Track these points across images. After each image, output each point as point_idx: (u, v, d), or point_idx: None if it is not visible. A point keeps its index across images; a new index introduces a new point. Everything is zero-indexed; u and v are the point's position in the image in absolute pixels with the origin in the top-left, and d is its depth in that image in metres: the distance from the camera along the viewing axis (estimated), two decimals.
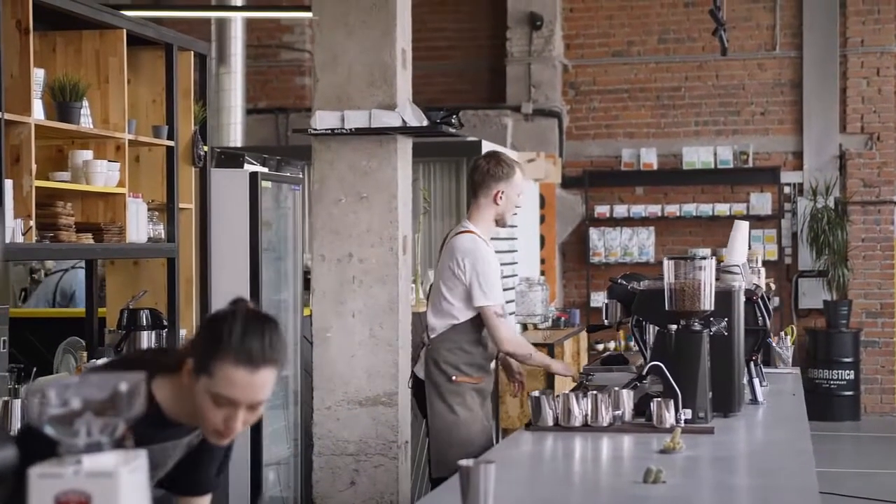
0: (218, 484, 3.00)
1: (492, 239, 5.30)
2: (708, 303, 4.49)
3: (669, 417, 4.25)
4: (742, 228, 5.71)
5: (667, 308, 4.51)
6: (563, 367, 5.46)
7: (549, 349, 9.20)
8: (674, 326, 4.49)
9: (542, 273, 12.16)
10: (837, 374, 12.26)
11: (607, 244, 12.98)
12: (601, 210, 13.00)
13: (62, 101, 4.83)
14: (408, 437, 5.86)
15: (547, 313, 9.92)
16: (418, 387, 5.28)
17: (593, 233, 12.99)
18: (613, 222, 12.99)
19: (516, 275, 10.36)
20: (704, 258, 4.56)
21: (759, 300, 5.21)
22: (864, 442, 11.70)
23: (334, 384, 5.70)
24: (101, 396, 1.84)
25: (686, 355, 4.44)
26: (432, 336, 5.16)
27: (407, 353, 5.78)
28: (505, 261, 9.92)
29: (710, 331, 4.55)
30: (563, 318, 10.79)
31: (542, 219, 12.43)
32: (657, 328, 4.63)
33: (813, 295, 12.62)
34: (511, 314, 9.74)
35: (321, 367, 5.69)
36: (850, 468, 10.21)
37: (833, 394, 12.28)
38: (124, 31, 5.22)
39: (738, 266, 5.23)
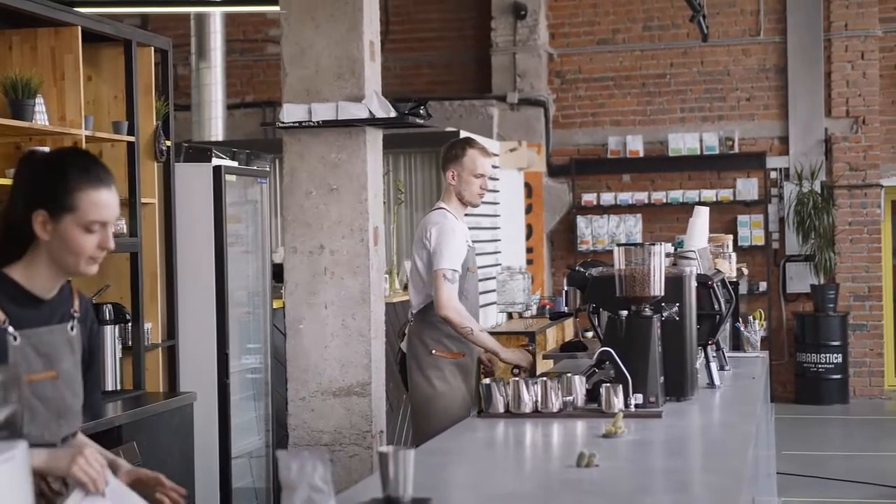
0: (99, 408, 3.06)
1: (473, 228, 5.51)
2: (658, 288, 4.51)
3: (618, 402, 4.27)
4: (702, 214, 5.74)
5: (617, 294, 4.54)
6: (517, 356, 5.40)
7: (531, 337, 9.23)
8: (624, 312, 4.51)
9: (530, 262, 12.20)
10: (825, 357, 12.28)
11: (595, 232, 13.00)
12: (588, 198, 13.02)
13: (15, 99, 4.86)
14: (382, 426, 5.90)
15: (528, 302, 9.94)
16: (403, 362, 5.49)
17: (581, 221, 13.01)
18: (601, 210, 13.01)
19: (500, 264, 10.40)
20: (654, 244, 4.57)
21: (717, 285, 5.22)
22: (853, 425, 11.71)
23: (308, 375, 5.72)
24: None
25: (636, 340, 4.47)
26: (414, 312, 5.42)
27: (380, 344, 5.81)
28: (487, 250, 9.97)
29: (662, 316, 4.58)
30: (548, 307, 10.81)
31: (530, 208, 12.47)
32: (609, 314, 4.66)
33: (800, 279, 12.64)
34: (492, 304, 9.77)
35: (294, 358, 5.72)
36: (838, 451, 10.23)
37: (821, 377, 12.30)
38: (79, 28, 5.25)
39: (693, 252, 5.26)
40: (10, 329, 2.71)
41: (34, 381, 2.72)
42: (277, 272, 6.73)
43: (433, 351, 5.33)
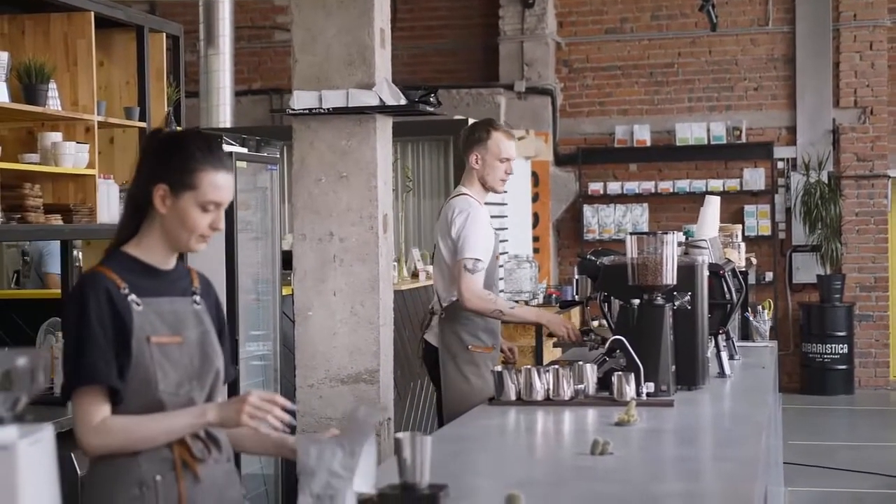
0: (235, 373, 3.16)
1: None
2: (670, 277, 4.51)
3: (630, 391, 4.27)
4: (713, 204, 5.74)
5: (629, 283, 4.54)
6: (557, 322, 5.28)
7: (537, 327, 9.23)
8: (636, 301, 4.51)
9: (537, 251, 12.20)
10: (831, 347, 12.29)
11: (601, 221, 13.00)
12: (595, 187, 13.01)
13: (28, 84, 4.86)
14: (390, 414, 5.89)
15: (535, 290, 9.94)
16: (430, 355, 5.37)
17: (587, 210, 13.01)
18: (607, 199, 13.01)
19: (506, 252, 10.40)
20: (667, 233, 4.57)
21: (728, 274, 5.22)
22: (858, 415, 11.73)
23: (316, 362, 5.70)
24: (1, 371, 1.87)
25: (648, 329, 4.47)
26: (445, 304, 5.27)
27: (389, 331, 5.80)
28: None
29: (673, 305, 4.58)
30: (554, 296, 10.80)
31: (536, 197, 12.45)
32: (621, 303, 4.66)
33: (807, 269, 12.64)
34: (501, 292, 9.76)
35: (303, 345, 5.70)
36: (844, 441, 10.25)
37: (827, 367, 12.31)
38: (92, 13, 5.25)
39: (705, 241, 5.26)
40: (133, 297, 2.82)
41: (162, 344, 2.83)
42: (286, 259, 6.73)
43: (469, 346, 5.24)
